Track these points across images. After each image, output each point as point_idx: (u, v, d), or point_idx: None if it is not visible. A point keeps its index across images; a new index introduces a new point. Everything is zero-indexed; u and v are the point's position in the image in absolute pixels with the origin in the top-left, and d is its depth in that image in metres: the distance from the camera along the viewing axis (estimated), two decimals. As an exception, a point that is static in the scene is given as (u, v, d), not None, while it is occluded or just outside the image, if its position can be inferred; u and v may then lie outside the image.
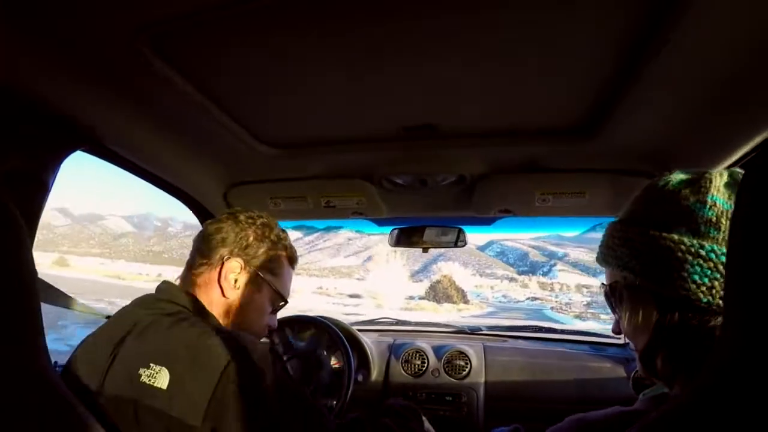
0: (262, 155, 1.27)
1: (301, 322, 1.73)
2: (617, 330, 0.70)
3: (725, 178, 0.57)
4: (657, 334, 0.59)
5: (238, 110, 1.06)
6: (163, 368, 0.72)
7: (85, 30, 0.74)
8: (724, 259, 0.53)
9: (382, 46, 0.78)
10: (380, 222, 1.76)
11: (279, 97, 0.99)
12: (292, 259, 1.02)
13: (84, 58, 0.82)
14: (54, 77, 0.87)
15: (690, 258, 0.54)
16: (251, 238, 0.93)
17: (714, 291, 0.53)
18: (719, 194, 0.56)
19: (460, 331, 2.15)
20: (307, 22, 0.72)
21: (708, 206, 0.55)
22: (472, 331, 2.14)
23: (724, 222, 0.54)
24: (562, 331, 2.17)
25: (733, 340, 0.34)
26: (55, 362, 0.95)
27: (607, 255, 0.66)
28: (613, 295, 0.67)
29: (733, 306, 0.34)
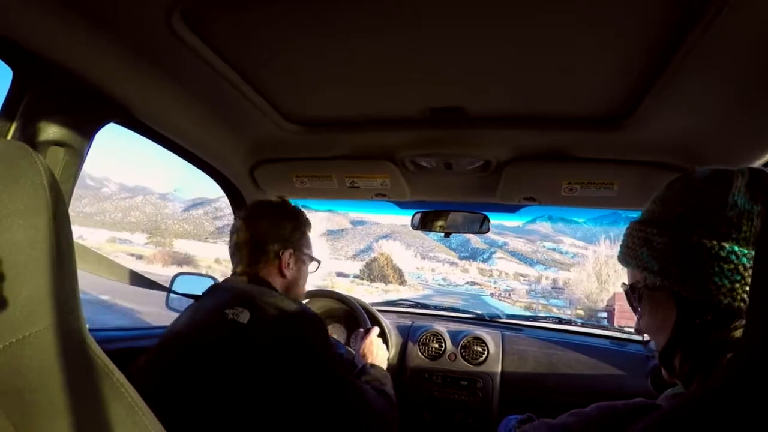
0: (289, 133, 1.28)
1: (326, 297, 1.79)
2: (639, 329, 0.69)
3: (746, 177, 0.55)
4: (676, 335, 0.58)
5: (266, 88, 1.07)
6: (245, 310, 0.94)
7: (121, 5, 0.76)
8: (745, 260, 0.51)
9: (414, 25, 0.77)
10: (403, 205, 1.77)
11: (307, 75, 0.99)
12: (311, 228, 1.25)
13: (119, 33, 0.84)
14: (90, 51, 0.89)
15: (710, 260, 0.53)
16: (289, 229, 1.15)
17: (735, 293, 0.52)
18: (740, 194, 0.54)
19: (479, 317, 2.16)
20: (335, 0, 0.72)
21: (729, 206, 0.54)
22: (491, 319, 2.15)
23: (745, 222, 0.52)
24: (583, 324, 2.16)
25: (756, 345, 0.34)
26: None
27: (627, 255, 0.65)
28: (634, 295, 0.66)
29: (758, 310, 0.34)
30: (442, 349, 1.79)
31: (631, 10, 0.69)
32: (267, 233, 1.11)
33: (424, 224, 1.75)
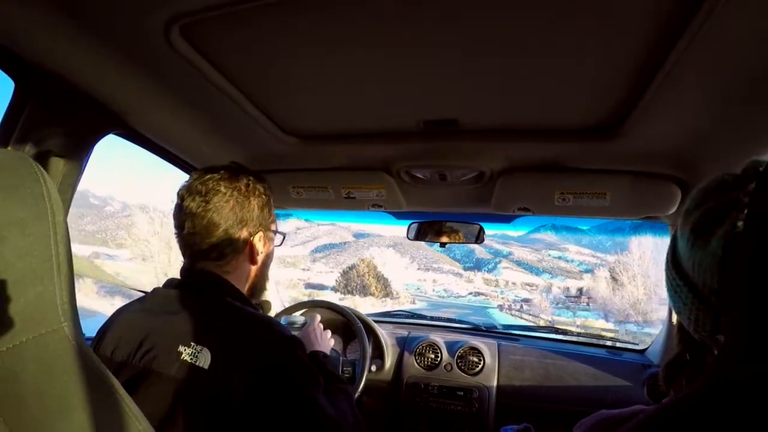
0: (286, 145, 1.30)
1: (323, 307, 1.79)
2: None
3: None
4: (685, 348, 0.60)
5: (263, 100, 1.09)
6: (205, 348, 0.78)
7: (121, 19, 0.78)
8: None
9: (406, 40, 0.78)
10: (398, 216, 1.78)
11: (303, 89, 1.01)
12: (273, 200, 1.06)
13: (119, 46, 0.85)
14: (90, 63, 0.91)
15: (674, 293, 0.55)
16: (256, 207, 0.96)
17: (698, 324, 0.52)
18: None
19: (475, 328, 2.16)
20: (331, 15, 0.74)
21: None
22: (488, 329, 2.15)
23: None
24: (578, 334, 2.16)
25: (730, 351, 0.35)
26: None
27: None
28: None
29: (733, 324, 0.36)
30: (439, 359, 1.79)
31: (619, 23, 0.70)
32: (233, 218, 0.92)
33: (419, 235, 1.76)
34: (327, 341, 1.26)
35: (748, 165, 0.53)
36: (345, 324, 1.78)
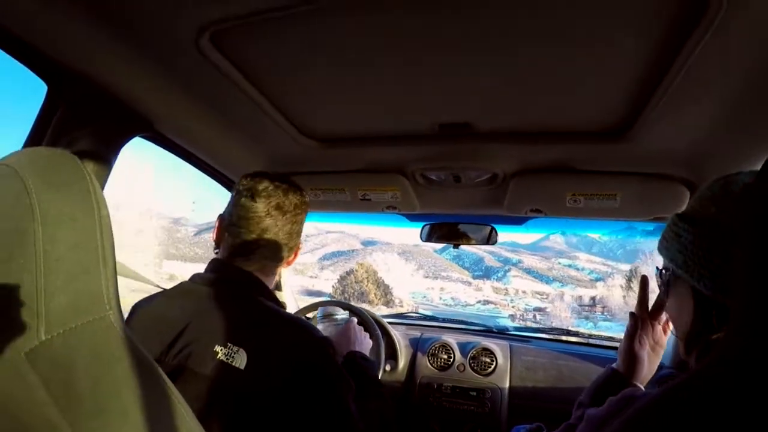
0: (305, 148, 1.33)
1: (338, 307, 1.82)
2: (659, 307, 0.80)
3: None
4: (694, 326, 0.62)
5: (285, 104, 1.12)
6: (241, 349, 0.79)
7: (154, 27, 0.82)
8: None
9: (423, 47, 0.82)
10: (412, 218, 1.81)
11: (324, 93, 1.04)
12: None
13: (150, 51, 0.90)
14: (121, 67, 0.96)
15: (726, 263, 0.55)
16: (303, 222, 1.05)
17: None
18: None
19: (487, 329, 2.18)
20: (353, 24, 0.77)
21: None
22: (500, 331, 2.17)
23: None
24: (589, 336, 2.16)
25: (733, 336, 0.35)
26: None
27: (661, 245, 0.70)
28: (662, 280, 0.71)
29: (740, 309, 0.35)
30: (451, 360, 1.82)
31: (629, 27, 0.72)
32: (287, 229, 0.98)
33: (432, 236, 1.79)
34: (366, 342, 1.24)
35: None
36: (359, 323, 1.81)
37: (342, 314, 1.35)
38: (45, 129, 1.04)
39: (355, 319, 1.30)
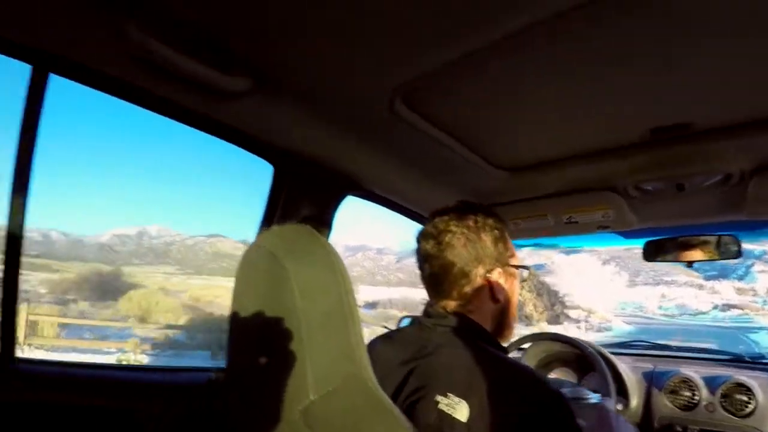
0: (499, 180, 1.34)
1: (549, 340, 1.72)
2: None
3: None
4: None
5: (475, 142, 1.16)
6: (462, 401, 0.75)
7: (352, 101, 0.95)
8: None
9: (628, 48, 0.75)
10: (627, 234, 1.64)
11: (513, 123, 1.05)
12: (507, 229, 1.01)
13: (351, 123, 1.04)
14: (329, 140, 1.12)
15: None
16: (489, 243, 0.92)
17: None
18: None
19: (736, 359, 1.80)
20: (550, 46, 0.75)
21: None
22: (753, 360, 1.77)
23: None
24: None
25: None
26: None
27: None
28: None
29: None
30: (697, 398, 1.54)
31: None
32: (467, 256, 0.90)
33: (659, 253, 1.58)
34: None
35: None
36: (577, 356, 1.66)
37: (593, 397, 1.20)
38: (276, 204, 1.26)
39: (611, 404, 1.17)
